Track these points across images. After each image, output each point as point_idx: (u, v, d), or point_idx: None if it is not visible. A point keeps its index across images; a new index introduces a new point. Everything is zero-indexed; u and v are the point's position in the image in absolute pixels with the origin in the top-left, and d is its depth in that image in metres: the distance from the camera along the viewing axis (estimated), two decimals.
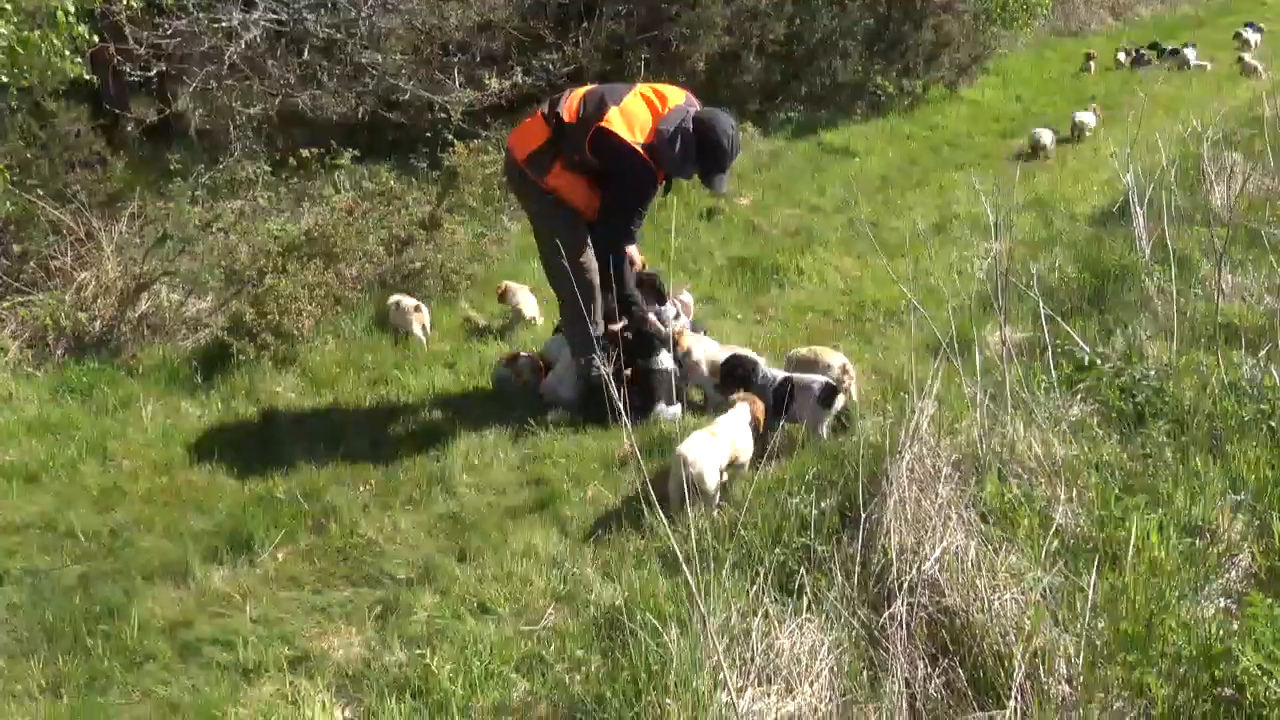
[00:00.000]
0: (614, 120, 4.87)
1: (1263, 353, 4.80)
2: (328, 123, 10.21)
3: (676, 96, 5.08)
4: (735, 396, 4.76)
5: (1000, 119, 12.48)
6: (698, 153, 4.97)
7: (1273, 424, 4.31)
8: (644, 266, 5.64)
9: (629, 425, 2.94)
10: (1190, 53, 15.66)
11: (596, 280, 5.21)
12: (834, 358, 5.10)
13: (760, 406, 4.67)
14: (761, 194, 9.53)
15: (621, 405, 2.86)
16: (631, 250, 5.33)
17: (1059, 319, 5.11)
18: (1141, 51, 16.27)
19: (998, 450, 4.16)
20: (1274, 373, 4.62)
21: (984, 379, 4.43)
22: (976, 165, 10.23)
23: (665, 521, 3.20)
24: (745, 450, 4.53)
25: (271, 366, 5.87)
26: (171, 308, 6.39)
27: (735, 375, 4.95)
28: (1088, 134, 11.30)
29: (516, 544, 4.14)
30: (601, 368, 2.83)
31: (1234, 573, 3.60)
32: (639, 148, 4.88)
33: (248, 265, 6.40)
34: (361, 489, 4.67)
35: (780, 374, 4.92)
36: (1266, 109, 8.94)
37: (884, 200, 9.13)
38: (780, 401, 4.75)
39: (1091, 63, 15.61)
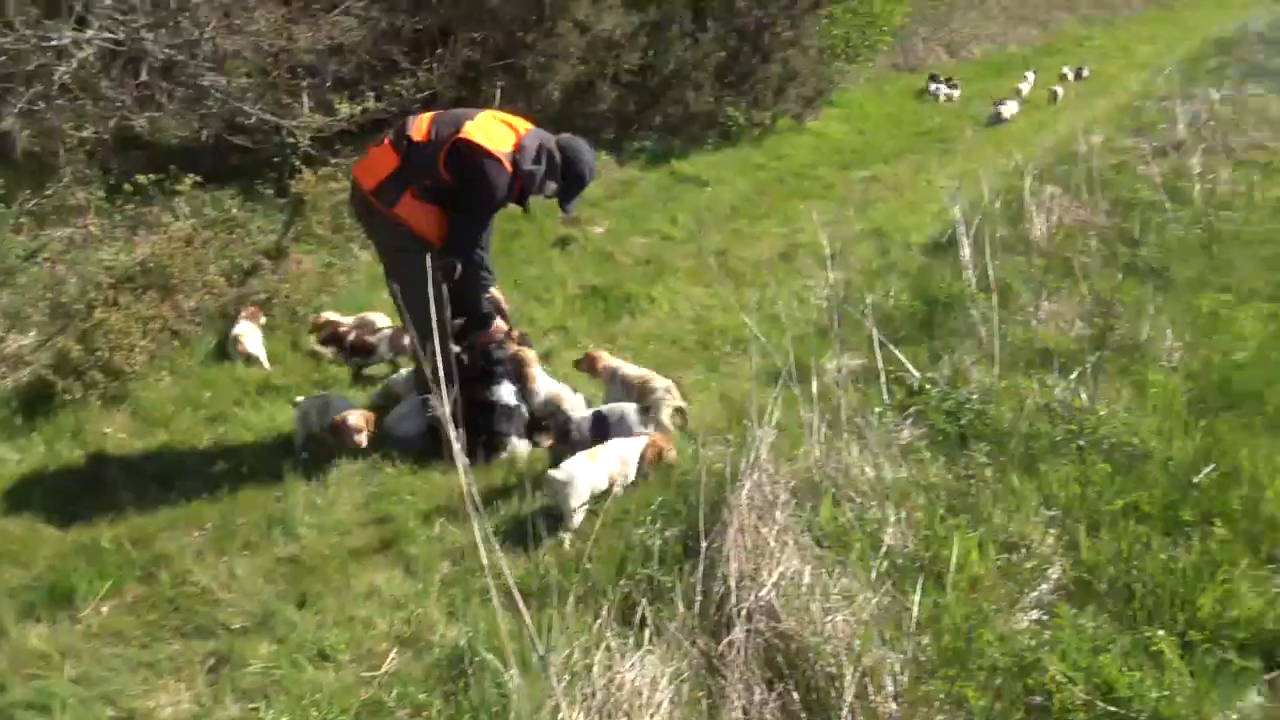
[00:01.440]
0: (472, 131, 4.82)
1: (1073, 375, 5.17)
2: (167, 146, 9.82)
3: (527, 124, 5.11)
4: (648, 436, 4.88)
5: (843, 151, 13.00)
6: (561, 172, 5.03)
7: (1081, 443, 4.64)
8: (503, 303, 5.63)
9: (466, 467, 2.93)
10: (1030, 76, 17.91)
11: (448, 313, 5.18)
12: (659, 381, 5.24)
13: (663, 447, 4.80)
14: (615, 222, 9.66)
15: (458, 447, 2.86)
16: (496, 292, 5.33)
17: (891, 346, 5.36)
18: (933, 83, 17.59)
19: (833, 475, 4.33)
20: (1082, 395, 4.97)
21: (822, 405, 4.61)
22: (821, 196, 10.62)
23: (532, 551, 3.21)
24: (629, 475, 4.69)
25: (100, 406, 5.56)
26: None
27: (544, 428, 5.07)
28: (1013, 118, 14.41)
29: (359, 586, 4.06)
30: (437, 408, 2.78)
31: (1046, 585, 3.85)
32: (501, 155, 4.85)
33: (76, 298, 6.08)
34: (195, 534, 4.48)
35: (587, 412, 5.06)
36: (1082, 144, 9.62)
37: (734, 229, 9.38)
38: (598, 436, 4.87)
39: (938, 87, 16.62)
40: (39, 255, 6.73)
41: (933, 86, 17.19)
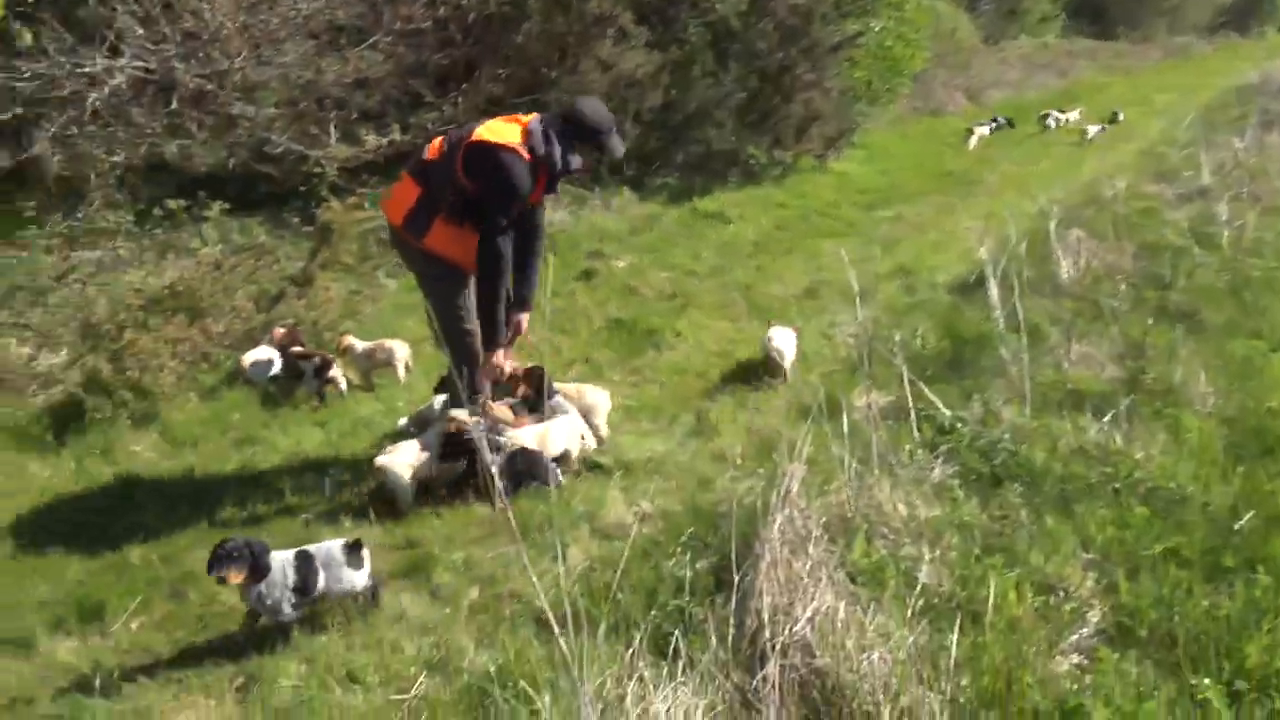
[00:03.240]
0: (482, 133, 4.82)
1: (1106, 418, 5.12)
2: (196, 173, 9.94)
3: (530, 116, 5.04)
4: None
5: (866, 191, 13.04)
6: (577, 133, 4.95)
7: (1117, 486, 4.58)
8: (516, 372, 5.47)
9: (503, 494, 2.92)
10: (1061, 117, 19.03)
11: (479, 345, 5.19)
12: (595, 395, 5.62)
13: None
14: (638, 257, 9.68)
15: (492, 475, 2.84)
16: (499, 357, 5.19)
17: (921, 384, 5.33)
18: (996, 121, 18.22)
19: (865, 512, 4.29)
20: (1116, 438, 4.92)
21: (852, 441, 4.58)
22: (844, 234, 10.64)
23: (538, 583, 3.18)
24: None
25: (130, 425, 5.59)
26: (21, 362, 6.05)
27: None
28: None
29: (387, 610, 4.03)
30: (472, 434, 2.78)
31: (1086, 629, 3.78)
32: (515, 146, 4.81)
33: (106, 319, 6.12)
34: None
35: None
36: (1107, 189, 9.63)
37: (757, 266, 9.39)
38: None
39: (973, 137, 16.72)
40: (70, 276, 6.79)
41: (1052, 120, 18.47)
